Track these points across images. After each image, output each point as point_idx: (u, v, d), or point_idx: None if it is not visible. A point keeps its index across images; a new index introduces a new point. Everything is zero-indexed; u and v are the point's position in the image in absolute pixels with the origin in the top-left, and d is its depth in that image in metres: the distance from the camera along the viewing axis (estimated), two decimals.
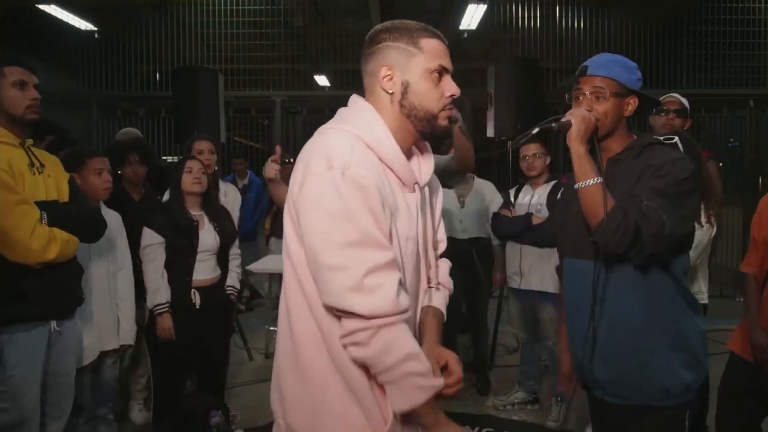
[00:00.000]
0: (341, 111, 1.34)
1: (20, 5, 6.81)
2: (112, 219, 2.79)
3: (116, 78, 6.97)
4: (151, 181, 3.61)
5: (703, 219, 2.48)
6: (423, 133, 1.31)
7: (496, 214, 3.66)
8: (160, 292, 2.76)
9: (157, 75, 7.15)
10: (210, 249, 2.87)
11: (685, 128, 3.09)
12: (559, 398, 3.43)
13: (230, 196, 3.56)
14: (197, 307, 2.83)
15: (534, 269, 3.41)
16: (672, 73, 6.84)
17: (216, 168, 3.41)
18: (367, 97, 1.32)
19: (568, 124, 1.60)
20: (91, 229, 2.31)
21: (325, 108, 6.83)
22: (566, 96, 1.73)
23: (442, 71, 1.30)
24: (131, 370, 3.47)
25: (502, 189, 4.07)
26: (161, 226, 2.79)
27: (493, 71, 4.76)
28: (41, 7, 6.50)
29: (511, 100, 4.60)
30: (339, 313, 1.18)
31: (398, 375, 1.16)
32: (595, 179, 1.55)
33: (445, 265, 1.52)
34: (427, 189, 1.40)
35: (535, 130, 1.64)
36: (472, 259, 3.85)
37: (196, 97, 4.90)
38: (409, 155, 1.35)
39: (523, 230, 3.42)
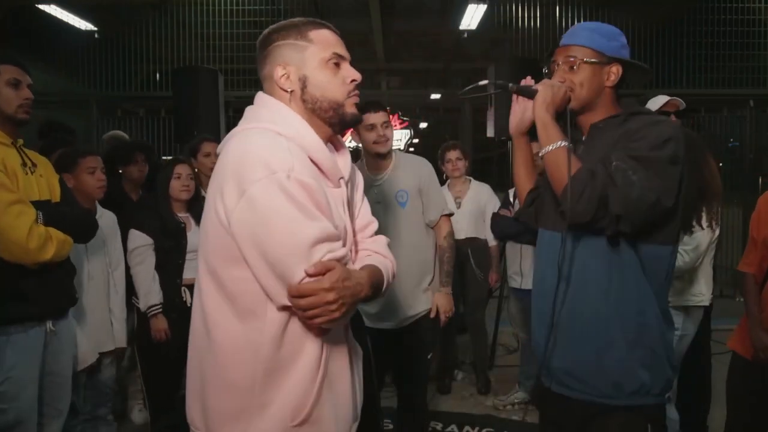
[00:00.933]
0: (250, 109, 1.31)
1: (20, 5, 6.81)
2: (108, 219, 2.78)
3: (116, 78, 6.96)
4: (148, 180, 3.61)
5: (704, 222, 2.46)
6: (332, 123, 1.30)
7: (495, 215, 3.66)
8: (152, 294, 2.76)
9: (157, 75, 7.14)
10: (197, 249, 2.87)
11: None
12: None
13: None
14: (188, 305, 2.83)
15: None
16: (672, 73, 6.84)
17: None
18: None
19: (534, 91, 1.49)
20: (83, 230, 2.29)
21: None
22: (543, 70, 1.60)
23: (338, 59, 1.28)
24: (130, 371, 3.46)
25: (503, 189, 4.07)
26: (150, 228, 2.78)
27: (493, 71, 4.75)
28: (41, 7, 6.50)
29: (511, 100, 4.58)
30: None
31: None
32: (560, 142, 1.43)
33: (382, 240, 1.46)
34: (349, 185, 1.38)
35: (484, 82, 1.56)
36: (468, 260, 3.86)
37: (196, 97, 4.88)
38: None
39: (522, 230, 3.42)
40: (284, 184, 1.13)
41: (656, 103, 2.99)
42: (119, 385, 3.27)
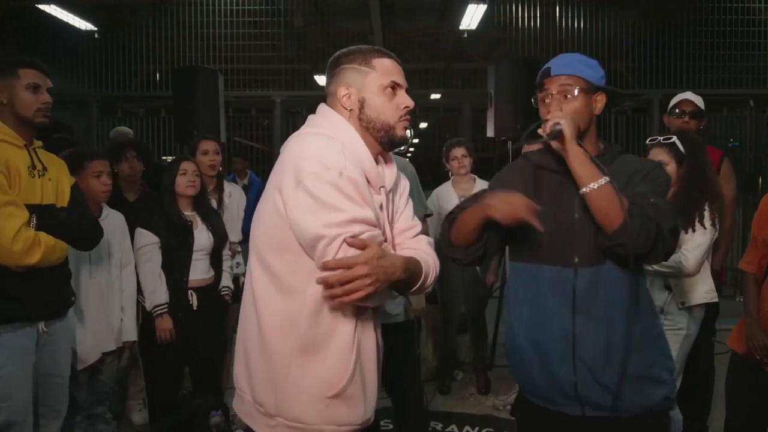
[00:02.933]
0: (312, 117, 1.47)
1: (20, 5, 6.81)
2: (115, 219, 2.78)
3: (116, 78, 6.97)
4: (149, 181, 3.61)
5: (707, 221, 2.45)
6: (382, 142, 1.45)
7: None
8: (158, 293, 2.76)
9: (157, 75, 7.15)
10: (204, 249, 2.88)
11: (701, 128, 3.07)
12: None
13: (234, 197, 3.56)
14: (194, 308, 2.82)
15: None
16: (672, 73, 6.84)
17: (221, 168, 3.40)
18: None
19: (560, 131, 1.50)
20: (83, 237, 2.28)
21: None
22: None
23: (395, 86, 1.44)
24: (130, 370, 3.46)
25: None
26: (156, 227, 2.78)
27: (493, 71, 4.75)
28: (41, 7, 6.50)
29: (511, 100, 4.58)
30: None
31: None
32: (604, 179, 1.46)
33: (423, 239, 1.58)
34: (392, 194, 1.52)
35: (531, 128, 1.58)
36: None
37: (196, 97, 4.88)
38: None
39: None
40: (336, 181, 1.28)
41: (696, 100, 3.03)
42: (118, 385, 3.26)
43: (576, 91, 1.56)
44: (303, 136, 1.43)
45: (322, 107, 1.48)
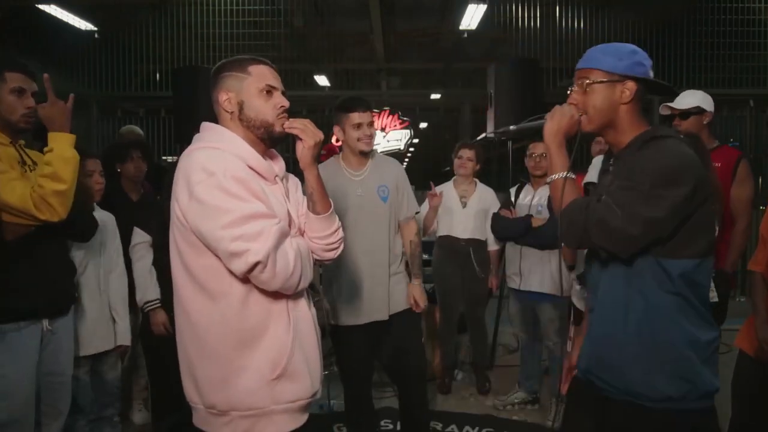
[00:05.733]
0: (197, 136, 1.63)
1: (20, 5, 6.81)
2: (106, 220, 2.77)
3: (116, 78, 6.98)
4: (150, 181, 3.60)
5: None
6: (263, 139, 1.61)
7: (495, 215, 3.67)
8: (149, 290, 2.77)
9: (157, 75, 7.15)
10: None
11: (705, 123, 3.01)
12: (558, 398, 3.42)
13: None
14: None
15: (534, 270, 3.41)
16: (672, 73, 6.85)
17: None
18: (218, 120, 1.64)
19: (541, 125, 1.64)
20: (80, 228, 2.30)
21: (325, 108, 6.83)
22: (568, 91, 1.67)
23: (270, 89, 1.61)
24: (130, 371, 3.46)
25: (502, 189, 4.07)
26: (151, 226, 2.80)
27: (493, 71, 4.74)
28: (41, 7, 6.50)
29: (511, 100, 4.59)
30: (248, 274, 1.42)
31: (300, 266, 1.50)
32: (561, 174, 1.58)
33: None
34: (285, 182, 1.70)
35: (513, 128, 1.75)
36: (469, 259, 3.86)
37: (196, 97, 4.88)
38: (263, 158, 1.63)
39: (523, 233, 3.42)
40: (221, 182, 1.43)
41: (684, 100, 2.98)
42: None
43: (589, 83, 1.58)
44: (191, 151, 1.55)
45: (205, 124, 1.63)
